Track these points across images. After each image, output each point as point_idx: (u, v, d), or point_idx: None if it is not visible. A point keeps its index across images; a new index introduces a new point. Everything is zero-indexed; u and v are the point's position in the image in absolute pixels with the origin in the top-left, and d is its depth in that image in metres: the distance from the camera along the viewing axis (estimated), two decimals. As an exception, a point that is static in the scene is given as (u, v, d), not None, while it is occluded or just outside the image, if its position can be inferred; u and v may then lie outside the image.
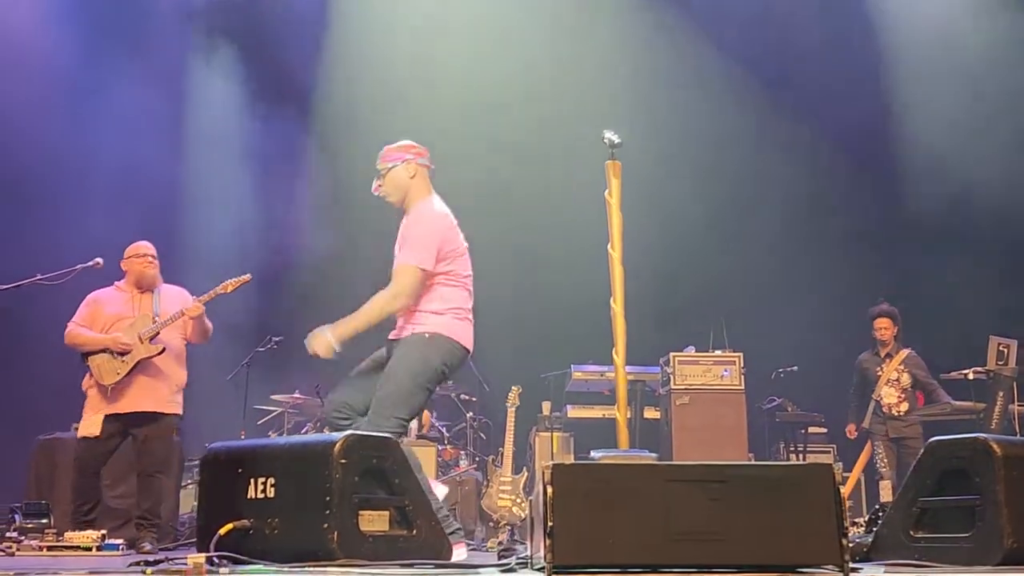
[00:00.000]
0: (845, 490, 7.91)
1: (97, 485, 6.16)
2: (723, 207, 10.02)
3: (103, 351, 6.11)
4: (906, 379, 7.99)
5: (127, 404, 6.09)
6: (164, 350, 6.11)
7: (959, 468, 3.45)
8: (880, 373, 8.07)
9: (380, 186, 4.76)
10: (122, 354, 6.07)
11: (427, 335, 4.54)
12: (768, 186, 10.17)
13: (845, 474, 7.81)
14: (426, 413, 8.56)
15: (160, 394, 6.18)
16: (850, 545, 2.95)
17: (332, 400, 4.64)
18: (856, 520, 4.66)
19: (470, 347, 4.70)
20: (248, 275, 6.27)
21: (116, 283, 6.40)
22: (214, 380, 8.64)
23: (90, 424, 6.08)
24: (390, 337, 4.70)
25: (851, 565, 2.87)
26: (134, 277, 6.32)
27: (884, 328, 8.13)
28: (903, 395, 7.97)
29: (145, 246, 6.40)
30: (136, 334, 6.10)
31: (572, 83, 10.27)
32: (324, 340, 4.44)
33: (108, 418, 6.08)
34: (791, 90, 10.24)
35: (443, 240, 4.63)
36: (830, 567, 2.90)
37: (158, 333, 6.12)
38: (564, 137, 9.64)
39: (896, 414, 7.95)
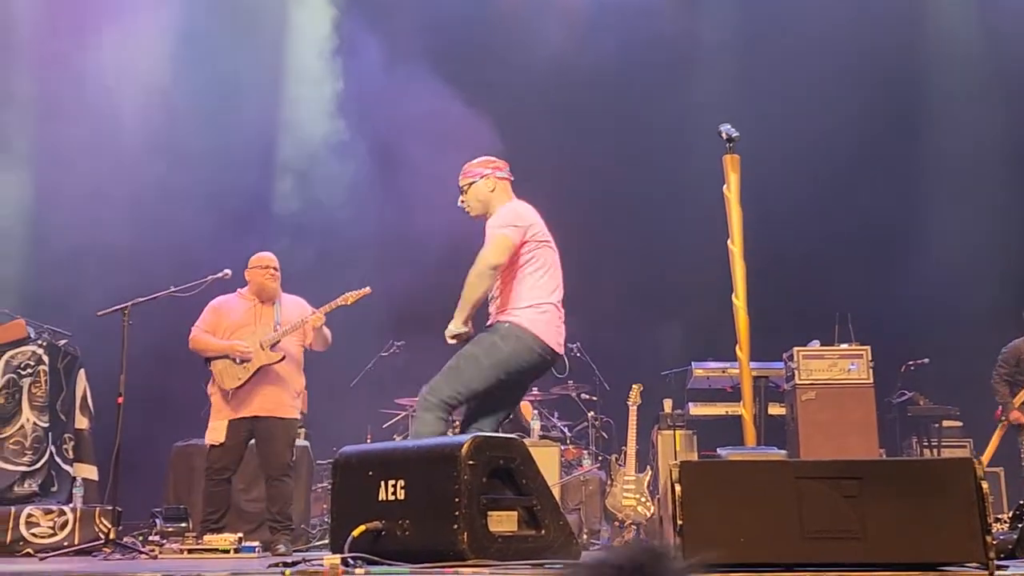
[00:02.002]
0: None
1: (227, 492, 6.33)
2: (846, 198, 9.78)
3: (224, 356, 6.31)
4: None
5: (249, 409, 6.27)
6: (284, 358, 6.28)
7: (1110, 460, 3.30)
8: None
9: (463, 201, 4.96)
10: (243, 361, 6.26)
11: (507, 324, 4.61)
12: (890, 176, 9.90)
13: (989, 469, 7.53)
14: (526, 406, 8.56)
15: (282, 399, 6.36)
16: (994, 542, 2.85)
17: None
18: (998, 516, 4.49)
19: (551, 342, 4.65)
20: (368, 288, 6.39)
21: (239, 291, 6.59)
22: (339, 386, 8.83)
23: (214, 431, 6.29)
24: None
25: (996, 563, 2.76)
26: (255, 287, 6.51)
27: None
28: None
29: (268, 258, 6.57)
30: (258, 341, 6.28)
31: (685, 75, 10.18)
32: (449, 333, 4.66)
33: (233, 424, 6.27)
34: (916, 82, 9.99)
35: (528, 222, 4.73)
36: (974, 565, 2.80)
37: (279, 341, 6.30)
38: (680, 132, 9.56)
39: None
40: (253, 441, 6.42)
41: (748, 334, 4.80)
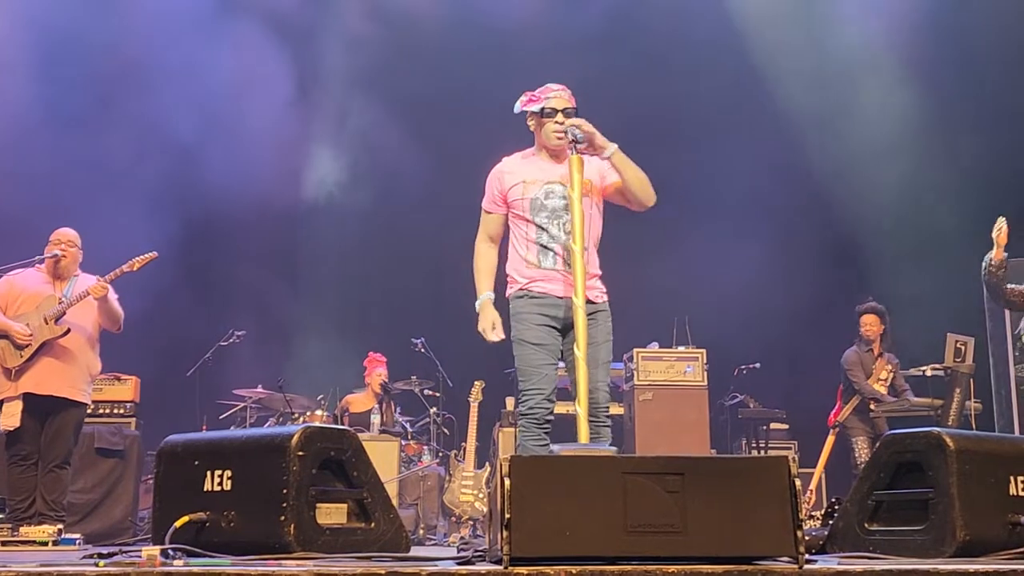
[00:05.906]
0: (811, 484, 7.94)
1: (34, 478, 6.08)
2: (686, 203, 10.03)
3: (5, 337, 6.07)
4: (889, 377, 7.93)
5: (34, 385, 6.05)
6: (69, 331, 6.08)
7: (913, 461, 3.48)
8: (873, 370, 7.98)
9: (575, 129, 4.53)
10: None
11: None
12: (733, 183, 10.20)
13: (805, 470, 7.78)
14: (361, 398, 8.60)
15: (70, 379, 6.15)
16: (807, 538, 2.97)
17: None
18: (814, 513, 4.70)
19: None
20: (154, 253, 6.31)
21: (37, 266, 6.36)
22: (175, 375, 8.58)
23: (8, 416, 6.01)
24: (591, 299, 4.60)
25: (806, 557, 2.88)
26: (49, 263, 6.31)
27: (870, 325, 7.98)
28: (889, 394, 7.92)
29: (60, 233, 6.36)
30: (41, 316, 6.07)
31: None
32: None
33: (27, 405, 6.03)
34: (758, 84, 10.30)
35: None
36: (785, 559, 2.92)
37: (63, 314, 6.09)
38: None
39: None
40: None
41: (586, 334, 4.88)
